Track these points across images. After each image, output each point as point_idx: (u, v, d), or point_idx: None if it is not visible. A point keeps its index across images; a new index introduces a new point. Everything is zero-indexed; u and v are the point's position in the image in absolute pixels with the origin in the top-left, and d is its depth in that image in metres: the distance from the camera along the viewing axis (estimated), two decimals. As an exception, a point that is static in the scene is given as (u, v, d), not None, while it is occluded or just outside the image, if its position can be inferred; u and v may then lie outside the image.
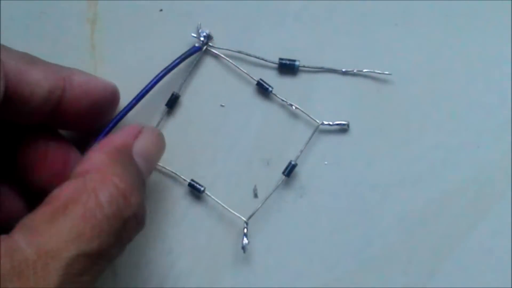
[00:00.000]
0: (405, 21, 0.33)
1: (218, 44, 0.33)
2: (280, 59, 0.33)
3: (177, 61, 0.32)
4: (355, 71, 0.33)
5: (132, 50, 0.33)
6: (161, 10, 0.34)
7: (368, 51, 0.33)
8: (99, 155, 0.27)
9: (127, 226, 0.25)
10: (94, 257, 0.24)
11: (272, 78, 0.33)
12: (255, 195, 0.33)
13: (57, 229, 0.23)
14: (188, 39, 0.33)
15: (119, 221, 0.25)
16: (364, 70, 0.33)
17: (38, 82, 0.27)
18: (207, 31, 0.33)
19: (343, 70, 0.33)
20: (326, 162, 0.33)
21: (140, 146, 0.28)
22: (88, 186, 0.25)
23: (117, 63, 0.33)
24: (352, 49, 0.33)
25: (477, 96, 0.33)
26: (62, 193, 0.25)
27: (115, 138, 0.28)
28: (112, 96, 0.31)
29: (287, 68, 0.33)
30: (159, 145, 0.30)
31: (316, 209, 0.33)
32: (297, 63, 0.33)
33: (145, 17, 0.33)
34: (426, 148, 0.33)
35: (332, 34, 0.33)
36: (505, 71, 0.33)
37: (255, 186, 0.33)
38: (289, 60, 0.33)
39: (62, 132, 0.31)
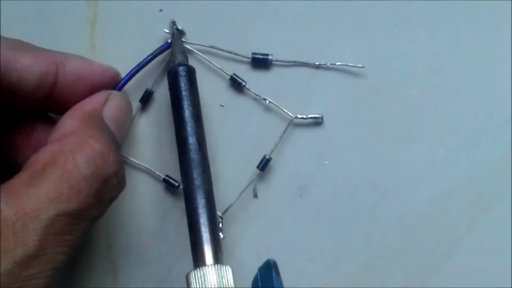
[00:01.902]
0: (405, 21, 0.33)
1: (194, 41, 0.33)
2: (253, 53, 0.33)
3: (149, 57, 0.32)
4: (328, 64, 0.33)
5: (132, 50, 0.33)
6: (161, 10, 0.34)
7: (368, 51, 0.33)
8: (71, 121, 0.27)
9: (108, 185, 0.26)
10: (74, 217, 0.24)
11: (245, 73, 0.33)
12: (255, 195, 0.33)
13: (36, 191, 0.23)
14: (186, 38, 0.33)
15: (99, 180, 0.25)
16: (337, 63, 0.33)
17: (27, 69, 0.27)
18: (180, 27, 0.33)
19: (316, 63, 0.33)
20: (326, 162, 0.33)
21: (110, 110, 0.29)
22: (65, 149, 0.25)
23: (117, 63, 0.33)
24: (352, 49, 0.33)
25: (477, 96, 0.33)
26: (39, 158, 0.25)
27: (84, 105, 0.28)
28: (112, 80, 0.31)
29: (260, 62, 0.33)
30: (127, 110, 0.30)
31: (316, 209, 0.33)
32: (270, 57, 0.33)
33: (145, 17, 0.33)
34: (426, 148, 0.33)
35: (332, 34, 0.33)
36: (505, 71, 0.33)
37: (255, 186, 0.33)
38: (262, 54, 0.33)
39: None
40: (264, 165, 0.32)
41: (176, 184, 0.32)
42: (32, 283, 0.23)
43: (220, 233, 0.32)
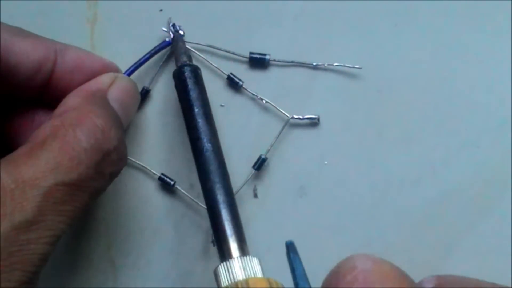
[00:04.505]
0: (405, 21, 0.33)
1: (194, 40, 0.33)
2: (251, 53, 0.33)
3: (147, 55, 0.32)
4: (325, 65, 0.33)
5: (132, 51, 0.33)
6: (161, 10, 0.34)
7: (367, 51, 0.33)
8: (74, 98, 0.27)
9: (108, 159, 0.26)
10: (73, 187, 0.24)
11: (243, 73, 0.33)
12: (255, 195, 0.33)
13: (35, 161, 0.24)
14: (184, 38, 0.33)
15: (99, 153, 0.25)
16: (335, 64, 0.33)
17: (26, 53, 0.27)
18: (178, 27, 0.33)
19: (314, 64, 0.33)
20: (326, 162, 0.33)
21: (115, 92, 0.29)
22: (66, 123, 0.25)
23: (117, 63, 0.33)
24: (352, 49, 0.33)
25: (477, 96, 0.33)
26: (40, 132, 0.25)
27: (89, 85, 0.29)
28: None
29: (258, 62, 0.33)
30: (133, 92, 0.30)
31: (316, 209, 0.33)
32: (267, 57, 0.33)
33: (145, 17, 0.33)
34: (426, 148, 0.33)
35: (331, 34, 0.33)
36: (505, 71, 0.33)
37: (255, 186, 0.33)
38: (260, 54, 0.33)
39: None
40: (259, 165, 0.32)
41: (172, 182, 0.32)
42: (31, 247, 0.23)
43: None
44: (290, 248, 0.25)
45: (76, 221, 0.25)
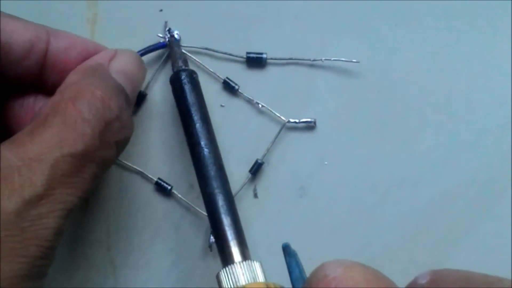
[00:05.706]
0: (405, 21, 0.33)
1: (193, 41, 0.33)
2: (247, 53, 0.33)
3: (141, 52, 0.32)
4: (323, 59, 0.33)
5: (132, 50, 0.33)
6: (161, 10, 0.34)
7: (368, 51, 0.33)
8: (74, 75, 0.28)
9: (111, 128, 0.26)
10: (80, 158, 0.24)
11: (241, 73, 0.33)
12: (255, 195, 0.33)
13: (39, 138, 0.24)
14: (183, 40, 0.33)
15: (101, 123, 0.25)
16: (332, 59, 0.33)
17: (17, 32, 0.27)
18: (176, 31, 0.33)
19: (312, 59, 0.33)
20: (326, 162, 0.33)
21: (117, 64, 0.29)
22: (65, 97, 0.25)
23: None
24: (352, 49, 0.33)
25: (477, 96, 0.33)
26: (42, 110, 0.25)
27: (89, 61, 0.29)
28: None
29: (255, 61, 0.33)
30: (136, 62, 0.30)
31: (316, 209, 0.33)
32: (264, 55, 0.33)
33: (145, 17, 0.33)
34: (426, 148, 0.33)
35: (331, 35, 0.33)
36: (505, 71, 0.33)
37: (254, 186, 0.33)
38: (256, 53, 0.33)
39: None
40: (256, 169, 0.32)
41: (169, 187, 0.32)
42: (43, 222, 0.23)
43: (212, 237, 0.32)
44: (286, 251, 0.25)
45: (88, 195, 0.25)
